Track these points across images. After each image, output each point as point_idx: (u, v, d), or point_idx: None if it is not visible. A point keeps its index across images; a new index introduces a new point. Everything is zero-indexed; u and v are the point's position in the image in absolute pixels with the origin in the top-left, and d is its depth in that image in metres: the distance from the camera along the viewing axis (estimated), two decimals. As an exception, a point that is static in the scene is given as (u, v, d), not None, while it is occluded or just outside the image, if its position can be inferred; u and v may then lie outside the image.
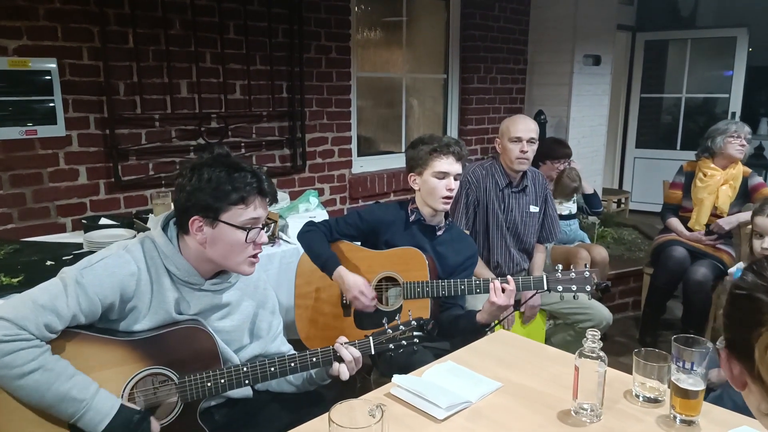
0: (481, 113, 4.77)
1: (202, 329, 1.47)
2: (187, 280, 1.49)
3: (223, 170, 1.43)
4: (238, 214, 1.44)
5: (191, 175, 1.44)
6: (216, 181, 1.41)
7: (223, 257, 1.47)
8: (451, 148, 2.12)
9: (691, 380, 1.30)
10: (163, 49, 3.02)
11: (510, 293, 1.90)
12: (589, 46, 4.90)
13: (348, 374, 1.52)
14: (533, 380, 1.50)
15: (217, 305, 1.55)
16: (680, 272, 3.28)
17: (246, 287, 1.63)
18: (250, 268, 1.51)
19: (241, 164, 1.46)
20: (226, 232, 1.44)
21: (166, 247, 1.47)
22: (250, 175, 1.45)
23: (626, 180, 6.34)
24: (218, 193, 1.41)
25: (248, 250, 1.48)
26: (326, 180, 3.87)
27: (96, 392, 1.32)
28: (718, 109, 6.16)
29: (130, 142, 3.00)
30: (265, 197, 1.49)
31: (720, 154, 3.32)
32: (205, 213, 1.43)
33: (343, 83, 3.83)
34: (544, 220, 2.91)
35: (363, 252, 2.21)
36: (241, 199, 1.43)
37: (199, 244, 1.46)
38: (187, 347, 1.45)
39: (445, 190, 2.12)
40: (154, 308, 1.45)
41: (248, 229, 1.45)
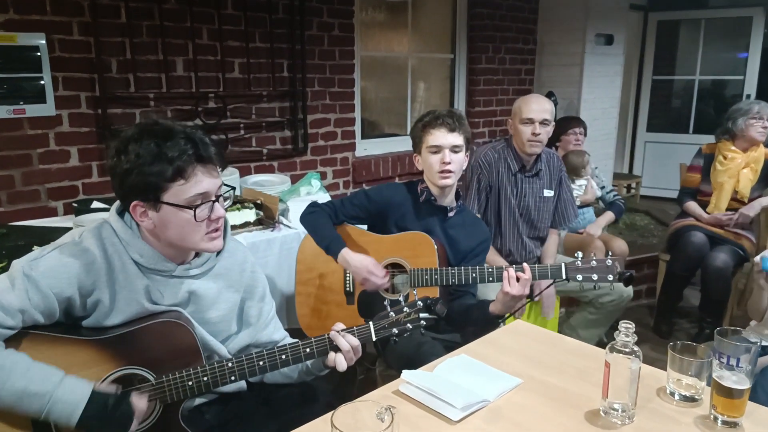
0: (489, 95, 4.61)
1: (181, 323, 1.32)
2: (155, 267, 1.33)
3: (151, 142, 1.23)
4: (180, 191, 1.25)
5: (118, 154, 1.25)
6: (146, 156, 1.22)
7: (179, 239, 1.31)
8: (440, 120, 1.99)
9: (735, 378, 1.17)
10: (157, 25, 2.87)
11: (525, 282, 1.77)
12: (601, 24, 4.72)
13: (345, 365, 1.37)
14: (556, 376, 1.37)
15: (196, 295, 1.39)
16: (699, 258, 3.14)
17: (229, 272, 1.46)
18: (212, 243, 1.33)
19: (173, 129, 1.25)
20: (172, 214, 1.26)
21: (125, 233, 1.32)
22: (184, 140, 1.24)
23: (636, 165, 6.18)
24: (151, 170, 1.22)
25: (203, 228, 1.30)
26: (329, 163, 3.73)
27: (60, 381, 1.19)
28: (732, 91, 5.98)
29: (124, 122, 2.86)
30: (209, 163, 1.28)
31: (741, 137, 3.17)
32: (144, 196, 1.25)
33: (346, 62, 3.68)
34: (558, 204, 2.77)
35: (368, 236, 2.08)
36: (178, 172, 1.23)
37: (148, 230, 1.30)
38: (163, 344, 1.30)
39: (440, 164, 1.98)
40: (124, 300, 1.30)
41: (195, 206, 1.27)
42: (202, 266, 1.41)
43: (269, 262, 2.40)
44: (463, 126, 2.05)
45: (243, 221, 2.44)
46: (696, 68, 5.89)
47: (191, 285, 1.38)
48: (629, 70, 5.88)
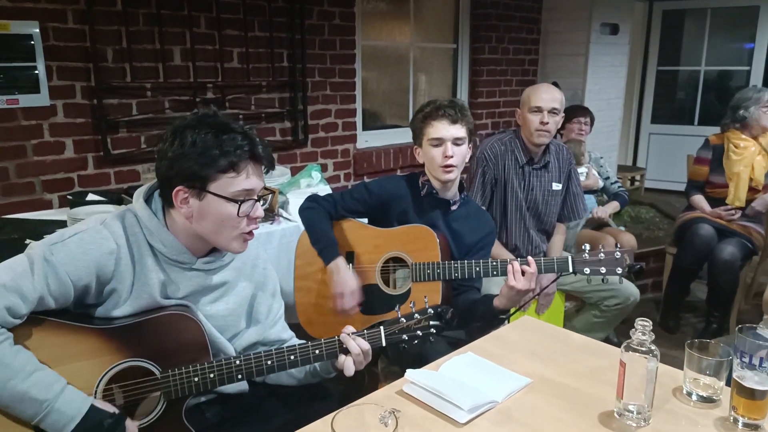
0: (492, 85, 4.53)
1: (190, 317, 1.28)
2: (176, 258, 1.30)
3: (209, 132, 1.22)
4: (228, 183, 1.24)
5: (173, 139, 1.23)
6: (201, 145, 1.21)
7: (213, 233, 1.28)
8: (442, 111, 1.90)
9: (757, 378, 1.12)
10: (153, 13, 2.80)
11: (531, 276, 1.70)
12: (606, 13, 4.64)
13: (354, 369, 1.33)
14: (568, 375, 1.32)
15: (209, 286, 1.36)
16: (707, 251, 3.08)
17: (243, 266, 1.43)
18: (241, 245, 1.32)
19: (230, 124, 1.25)
20: (215, 205, 1.25)
21: (150, 221, 1.28)
22: (241, 136, 1.24)
23: (641, 156, 6.11)
24: (204, 159, 1.21)
25: (241, 226, 1.28)
26: (329, 155, 3.66)
27: (61, 391, 1.14)
28: (737, 82, 5.90)
29: (120, 113, 2.80)
30: (260, 163, 1.28)
31: (754, 125, 3.10)
32: (191, 183, 1.23)
33: (347, 52, 3.61)
34: (566, 197, 2.70)
35: (368, 230, 2.02)
36: (231, 165, 1.23)
37: (185, 218, 1.27)
38: (171, 337, 1.26)
39: (442, 158, 1.91)
40: (137, 292, 1.26)
41: (240, 201, 1.25)
42: (223, 260, 1.38)
43: (269, 255, 2.30)
44: (466, 117, 1.97)
45: (242, 214, 2.38)
46: (701, 59, 5.81)
47: (207, 278, 1.36)
48: (634, 60, 5.80)
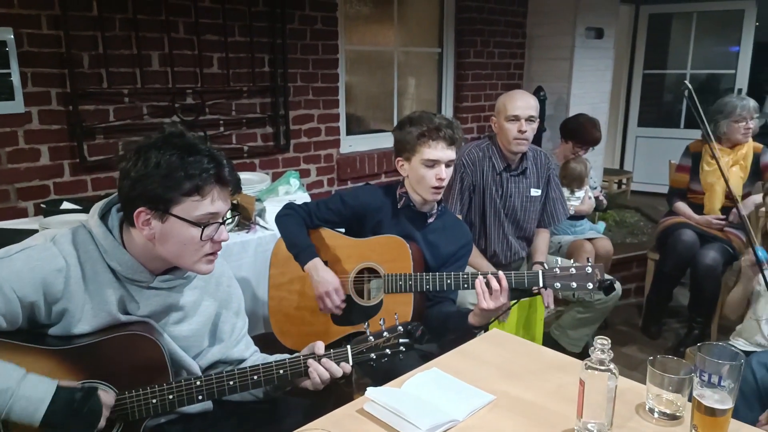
0: (478, 89, 4.52)
1: (149, 337, 1.25)
2: (132, 277, 1.27)
3: (174, 153, 1.19)
4: (192, 207, 1.21)
5: (136, 158, 1.20)
6: (166, 167, 1.18)
7: (176, 256, 1.26)
8: (442, 132, 1.86)
9: (718, 396, 1.11)
10: (130, 18, 2.77)
11: (496, 293, 1.67)
12: (591, 18, 4.64)
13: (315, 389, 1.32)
14: (533, 392, 1.30)
15: (172, 306, 1.34)
16: (689, 257, 3.08)
17: (207, 285, 1.42)
18: (207, 266, 1.29)
19: (197, 146, 1.23)
20: (178, 228, 1.22)
21: (105, 239, 1.25)
22: (207, 159, 1.21)
23: (627, 160, 6.13)
24: (168, 181, 1.19)
25: (204, 249, 1.26)
26: (312, 160, 3.64)
27: (23, 378, 1.12)
28: (723, 85, 5.93)
29: (97, 119, 2.77)
30: (226, 186, 1.26)
31: (726, 139, 3.11)
32: (154, 205, 1.20)
33: (329, 57, 3.59)
34: (546, 202, 2.70)
35: (342, 240, 2.01)
36: (195, 188, 1.20)
37: (146, 239, 1.24)
38: (128, 358, 1.24)
39: (435, 180, 1.88)
40: (94, 310, 1.24)
41: (204, 225, 1.23)
42: (184, 278, 1.35)
43: (243, 266, 2.32)
44: (460, 137, 1.94)
45: (217, 222, 2.36)
46: (687, 62, 5.82)
47: (168, 297, 1.33)
48: (620, 64, 5.81)
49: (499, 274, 1.70)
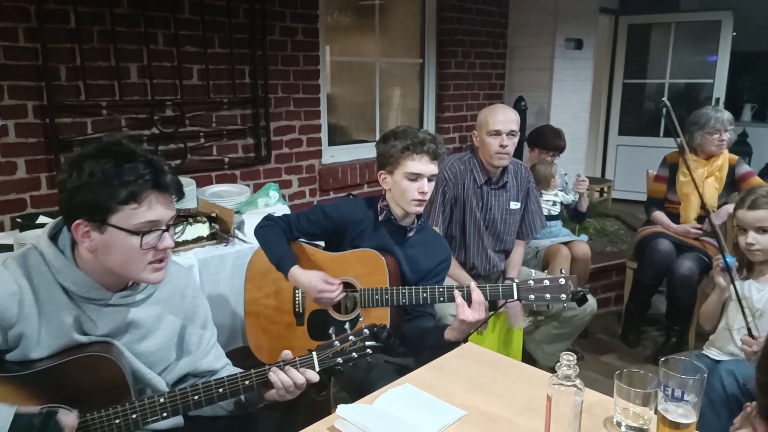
0: (459, 100, 4.56)
1: (108, 357, 1.24)
2: (88, 296, 1.25)
3: (109, 161, 1.17)
4: (129, 215, 1.19)
5: (71, 169, 1.18)
6: (100, 175, 1.16)
7: (120, 266, 1.23)
8: (426, 147, 1.89)
9: (681, 410, 1.13)
10: (108, 30, 2.76)
11: (479, 307, 1.70)
12: (570, 29, 4.70)
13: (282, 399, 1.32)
14: (504, 407, 1.31)
15: (133, 323, 1.32)
16: (665, 266, 3.12)
17: (170, 298, 1.40)
18: (155, 274, 1.27)
19: (134, 152, 1.20)
20: (118, 238, 1.20)
21: (56, 259, 1.24)
22: (143, 165, 1.19)
23: (609, 168, 6.19)
24: (103, 190, 1.16)
25: (148, 257, 1.23)
26: (294, 171, 3.65)
27: None
28: (702, 94, 6.02)
29: (74, 131, 2.75)
30: (165, 192, 1.23)
31: (700, 151, 3.16)
32: (91, 216, 1.18)
33: (311, 68, 3.60)
34: (524, 215, 2.72)
35: (319, 254, 2.01)
36: (132, 196, 1.18)
37: (89, 252, 1.22)
38: (89, 379, 1.22)
39: (417, 193, 1.91)
40: (50, 332, 1.22)
41: (143, 233, 1.21)
42: (143, 293, 1.34)
43: (221, 279, 2.32)
44: (443, 152, 1.97)
45: (196, 236, 2.35)
46: (666, 72, 5.91)
47: (128, 313, 1.31)
48: (600, 73, 5.89)
49: (471, 286, 1.71)
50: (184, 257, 2.24)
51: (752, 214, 1.95)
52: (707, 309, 2.15)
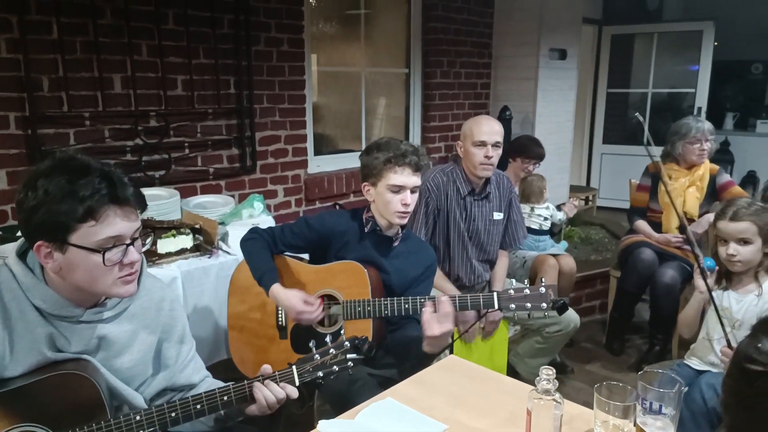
0: (445, 109, 4.58)
1: (82, 374, 1.22)
2: (60, 313, 1.23)
3: (63, 178, 1.14)
4: (89, 233, 1.16)
5: (26, 190, 1.15)
6: (55, 193, 1.13)
7: (88, 284, 1.21)
8: (408, 159, 1.91)
9: (660, 423, 1.14)
10: (91, 41, 2.75)
11: (445, 318, 1.69)
12: (554, 39, 4.75)
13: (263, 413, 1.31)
14: (485, 420, 1.32)
15: (108, 339, 1.30)
16: (649, 275, 3.15)
17: (145, 312, 1.38)
18: (125, 288, 1.24)
19: (88, 166, 1.17)
20: (80, 257, 1.17)
21: (26, 277, 1.22)
22: (99, 179, 1.15)
23: (594, 176, 6.25)
24: (59, 208, 1.13)
25: (114, 273, 1.21)
26: (280, 181, 3.64)
27: None
28: (684, 103, 6.11)
29: (57, 142, 2.73)
30: (125, 205, 1.20)
31: (682, 160, 3.21)
32: (50, 236, 1.16)
33: (296, 78, 3.60)
34: (508, 225, 2.74)
35: (302, 267, 2.01)
36: (89, 212, 1.14)
37: (54, 272, 1.20)
38: (64, 397, 1.21)
39: (400, 205, 1.93)
40: (23, 350, 1.21)
41: (105, 250, 1.18)
42: (115, 308, 1.32)
43: (205, 291, 2.30)
44: (426, 164, 2.00)
45: (179, 248, 2.34)
46: (649, 81, 5.99)
47: (102, 329, 1.30)
48: (585, 82, 5.95)
49: (439, 299, 1.72)
50: (167, 269, 2.22)
51: (734, 226, 1.97)
52: (685, 316, 2.18)
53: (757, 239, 1.95)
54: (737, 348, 0.58)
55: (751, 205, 1.97)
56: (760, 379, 0.53)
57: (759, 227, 1.94)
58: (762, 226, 1.94)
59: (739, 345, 0.59)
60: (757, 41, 6.66)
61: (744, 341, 0.58)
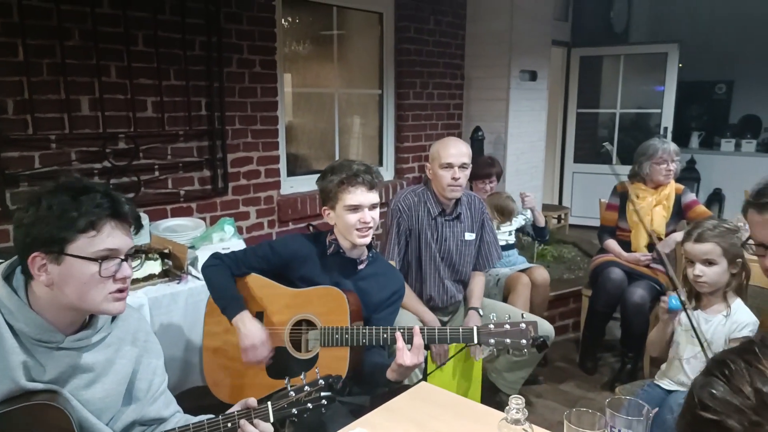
0: (418, 130, 4.62)
1: (55, 406, 1.19)
2: (40, 338, 1.22)
3: (66, 195, 1.19)
4: (88, 243, 1.20)
5: (28, 206, 1.19)
6: (58, 207, 1.18)
7: (79, 298, 1.22)
8: (360, 178, 1.93)
9: (627, 450, 1.14)
10: (58, 62, 2.71)
11: (417, 351, 1.72)
12: (525, 61, 4.84)
13: None
14: (454, 449, 1.31)
15: (82, 367, 1.28)
16: (618, 295, 3.19)
17: (121, 342, 1.36)
18: (116, 304, 1.26)
19: (91, 186, 1.23)
20: (76, 267, 1.19)
21: (10, 299, 1.20)
22: (101, 195, 1.22)
23: (566, 195, 6.34)
24: (62, 221, 1.17)
25: (107, 286, 1.22)
26: (252, 202, 3.61)
27: None
28: (651, 123, 6.25)
29: (21, 166, 2.67)
30: (124, 221, 1.25)
31: (649, 180, 3.28)
32: (48, 248, 1.18)
33: (268, 99, 3.60)
34: (481, 246, 2.76)
35: (280, 290, 1.99)
36: (90, 224, 1.19)
37: (46, 287, 1.20)
38: (33, 428, 1.17)
39: (360, 223, 1.93)
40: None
41: (102, 259, 1.20)
42: (93, 337, 1.30)
43: (174, 318, 2.26)
44: (380, 180, 2.02)
45: (146, 274, 2.30)
46: (617, 102, 6.12)
47: (79, 358, 1.27)
48: (555, 103, 6.06)
49: (414, 329, 1.72)
50: (134, 296, 2.18)
51: (699, 247, 2.01)
52: (653, 338, 2.21)
53: (722, 260, 1.99)
54: (691, 387, 0.58)
55: (716, 227, 2.01)
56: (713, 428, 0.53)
57: (723, 249, 1.98)
58: (726, 247, 1.97)
59: (693, 384, 0.59)
60: (720, 63, 6.88)
61: (698, 380, 0.58)
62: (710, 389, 0.54)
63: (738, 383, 0.52)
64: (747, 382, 0.52)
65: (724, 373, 0.54)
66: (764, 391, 0.50)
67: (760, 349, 0.55)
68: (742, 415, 0.50)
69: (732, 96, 7.18)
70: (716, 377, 0.55)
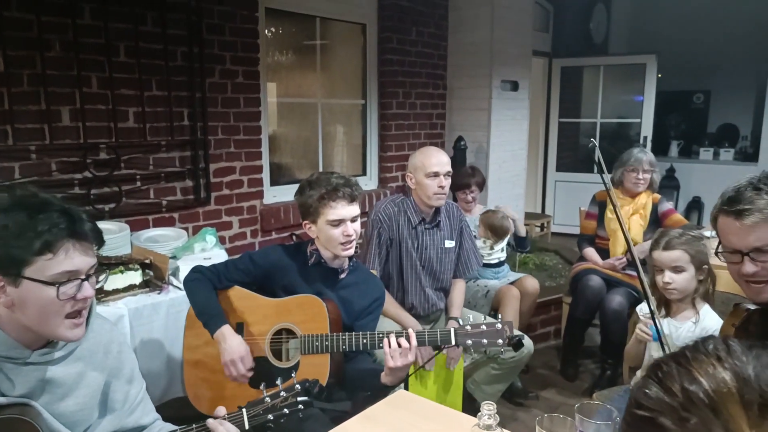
0: (401, 139, 4.65)
1: (26, 419, 1.19)
2: (6, 354, 1.21)
3: (22, 214, 1.15)
4: (45, 266, 1.16)
5: None
6: (14, 228, 1.14)
7: (38, 323, 1.20)
8: (340, 192, 1.95)
9: (598, 455, 1.17)
10: (39, 73, 2.71)
11: (407, 352, 1.74)
12: (506, 71, 4.90)
13: None
14: (430, 456, 1.33)
15: (52, 381, 1.27)
16: (597, 302, 3.24)
17: (93, 354, 1.36)
18: (73, 331, 1.23)
19: (48, 202, 1.19)
20: (34, 291, 1.17)
21: None
22: (58, 214, 1.17)
23: (548, 203, 6.41)
24: (18, 243, 1.14)
25: (65, 308, 1.20)
26: (235, 212, 3.62)
27: None
28: (631, 132, 6.36)
29: (1, 176, 2.65)
30: (83, 240, 1.21)
31: (623, 188, 3.35)
32: (5, 270, 1.16)
33: (251, 109, 3.61)
34: (460, 253, 2.79)
35: (258, 300, 2.00)
36: (46, 246, 1.15)
37: (5, 307, 1.19)
38: None
39: (343, 237, 1.95)
40: None
41: (59, 283, 1.18)
42: (62, 349, 1.29)
43: (155, 328, 2.26)
44: (360, 192, 2.04)
45: (127, 284, 2.29)
46: (597, 111, 6.22)
47: (48, 371, 1.27)
48: (537, 112, 6.14)
49: (409, 332, 1.74)
50: (114, 307, 2.17)
51: (667, 255, 2.05)
52: (629, 351, 2.26)
53: (690, 267, 2.03)
54: (630, 391, 0.62)
55: (682, 235, 2.07)
56: (647, 425, 0.56)
57: (691, 255, 2.02)
58: (693, 254, 2.02)
59: (632, 386, 0.63)
60: (698, 73, 7.02)
61: (637, 383, 0.61)
62: (645, 389, 0.58)
63: (669, 383, 0.56)
64: (676, 382, 0.56)
65: (657, 374, 0.58)
66: (691, 390, 0.54)
67: (691, 352, 0.59)
68: (672, 412, 0.54)
69: (709, 105, 7.33)
70: (651, 379, 0.59)
